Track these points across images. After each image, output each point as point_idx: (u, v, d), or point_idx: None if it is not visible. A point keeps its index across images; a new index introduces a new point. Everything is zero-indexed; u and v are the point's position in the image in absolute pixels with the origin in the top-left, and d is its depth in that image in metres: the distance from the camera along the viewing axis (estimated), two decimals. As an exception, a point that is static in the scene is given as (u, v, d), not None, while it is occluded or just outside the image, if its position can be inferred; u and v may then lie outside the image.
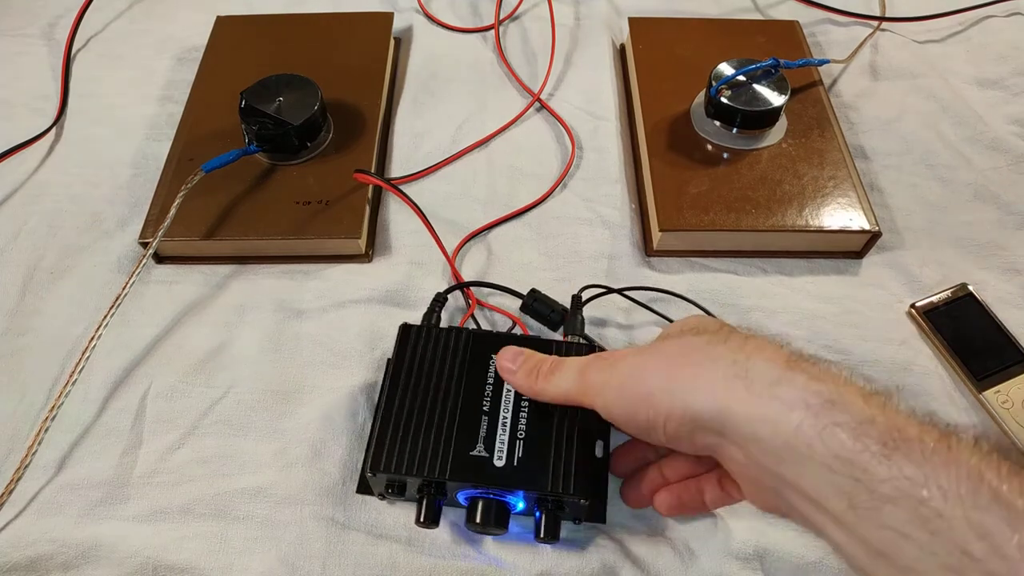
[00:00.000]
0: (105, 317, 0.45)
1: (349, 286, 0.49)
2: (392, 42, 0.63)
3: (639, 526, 0.40)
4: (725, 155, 0.54)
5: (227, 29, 0.63)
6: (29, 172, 0.56)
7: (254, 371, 0.46)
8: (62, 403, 0.42)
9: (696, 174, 0.52)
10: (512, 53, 0.64)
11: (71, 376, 0.43)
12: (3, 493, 0.40)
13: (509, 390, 0.38)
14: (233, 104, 0.52)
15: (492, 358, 0.39)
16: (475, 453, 0.36)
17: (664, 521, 0.40)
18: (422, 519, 0.36)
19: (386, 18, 0.63)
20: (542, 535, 0.36)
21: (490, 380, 0.38)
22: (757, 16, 0.68)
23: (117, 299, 0.46)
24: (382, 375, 0.45)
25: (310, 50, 0.61)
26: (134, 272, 0.47)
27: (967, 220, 0.53)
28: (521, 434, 0.36)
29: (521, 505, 0.37)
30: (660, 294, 0.48)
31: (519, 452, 0.36)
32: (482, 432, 0.36)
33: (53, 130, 0.58)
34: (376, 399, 0.44)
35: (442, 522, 0.38)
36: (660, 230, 0.50)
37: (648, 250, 0.52)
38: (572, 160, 0.56)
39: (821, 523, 0.26)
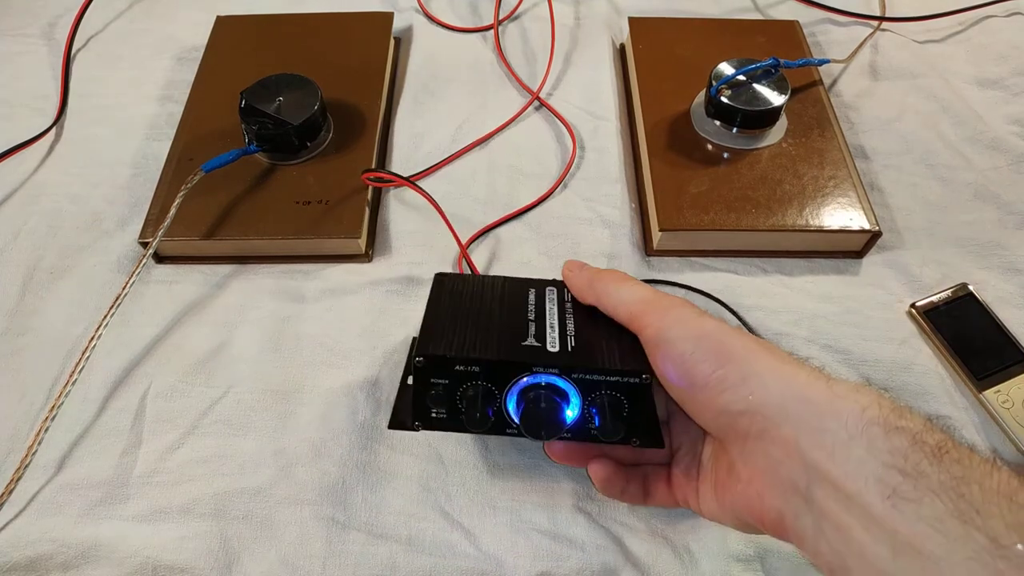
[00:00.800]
0: (105, 317, 0.45)
1: (349, 286, 0.49)
2: (392, 42, 0.63)
3: (639, 526, 0.40)
4: (725, 155, 0.54)
5: (227, 29, 0.63)
6: (29, 172, 0.56)
7: (254, 371, 0.46)
8: (62, 403, 0.42)
9: (696, 174, 0.52)
10: (512, 53, 0.64)
11: (71, 376, 0.43)
12: (3, 493, 0.40)
13: (552, 309, 0.37)
14: (233, 104, 0.52)
15: (531, 290, 0.38)
16: (527, 343, 0.35)
17: (664, 522, 0.40)
18: (475, 419, 0.33)
19: (386, 18, 0.63)
20: (608, 424, 0.33)
21: (532, 303, 0.37)
22: (757, 16, 0.68)
23: (117, 299, 0.46)
24: (404, 356, 0.45)
25: (310, 50, 0.61)
26: (134, 272, 0.47)
27: (967, 220, 0.53)
28: (571, 332, 0.36)
29: (576, 408, 0.34)
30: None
31: (571, 343, 0.35)
32: (532, 330, 0.35)
33: (53, 130, 0.58)
34: (400, 375, 0.44)
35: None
36: (660, 230, 0.50)
37: (648, 250, 0.52)
38: (573, 158, 0.56)
39: (846, 523, 0.26)
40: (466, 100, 0.60)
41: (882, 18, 0.67)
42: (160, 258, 0.51)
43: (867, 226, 0.49)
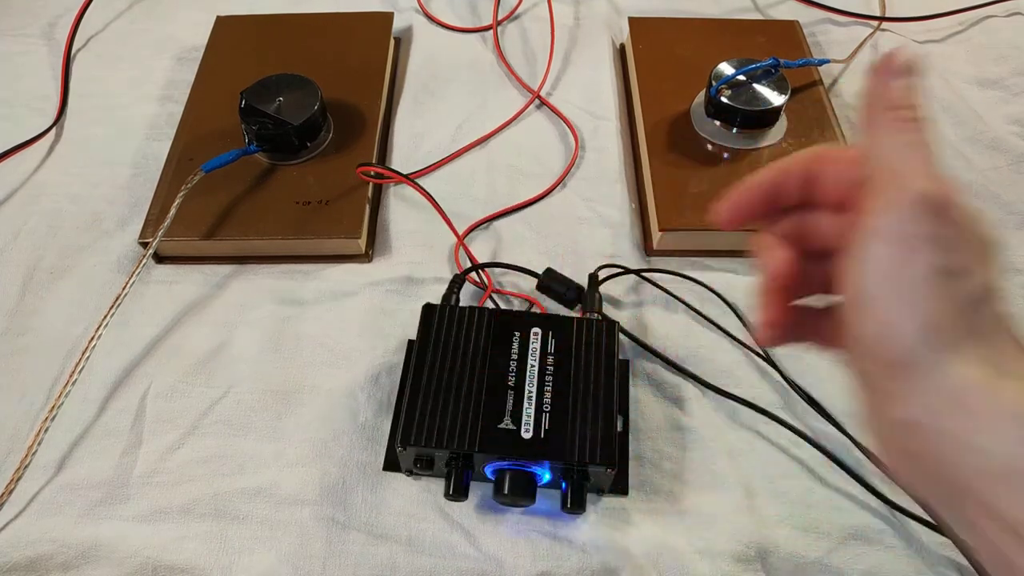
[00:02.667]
0: (105, 317, 0.45)
1: (349, 286, 0.49)
2: (392, 42, 0.63)
3: (639, 526, 0.40)
4: (725, 155, 0.54)
5: (227, 29, 0.63)
6: (29, 172, 0.56)
7: (254, 371, 0.46)
8: (62, 403, 0.42)
9: (696, 174, 0.52)
10: (512, 53, 0.64)
11: (71, 376, 0.43)
12: (3, 493, 0.40)
13: (533, 365, 0.39)
14: (233, 104, 0.52)
15: (515, 335, 0.40)
16: (503, 426, 0.37)
17: (664, 522, 0.40)
18: (451, 492, 0.37)
19: (386, 18, 0.63)
20: (569, 505, 0.37)
21: (514, 356, 0.40)
22: (757, 16, 0.68)
23: (117, 299, 0.46)
24: (403, 356, 0.46)
25: (310, 50, 0.61)
26: (134, 272, 0.47)
27: (967, 220, 0.53)
28: (547, 407, 0.38)
29: (547, 477, 0.38)
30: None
31: (545, 424, 0.37)
32: (509, 406, 0.38)
33: (53, 130, 0.58)
34: (399, 379, 0.45)
35: (470, 496, 0.39)
36: (660, 230, 0.50)
37: (648, 250, 0.52)
38: (576, 156, 0.56)
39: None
40: (466, 100, 0.60)
41: (882, 18, 0.67)
42: (160, 258, 0.51)
43: (867, 226, 0.49)
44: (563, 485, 0.38)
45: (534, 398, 0.38)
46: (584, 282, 0.47)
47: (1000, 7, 0.67)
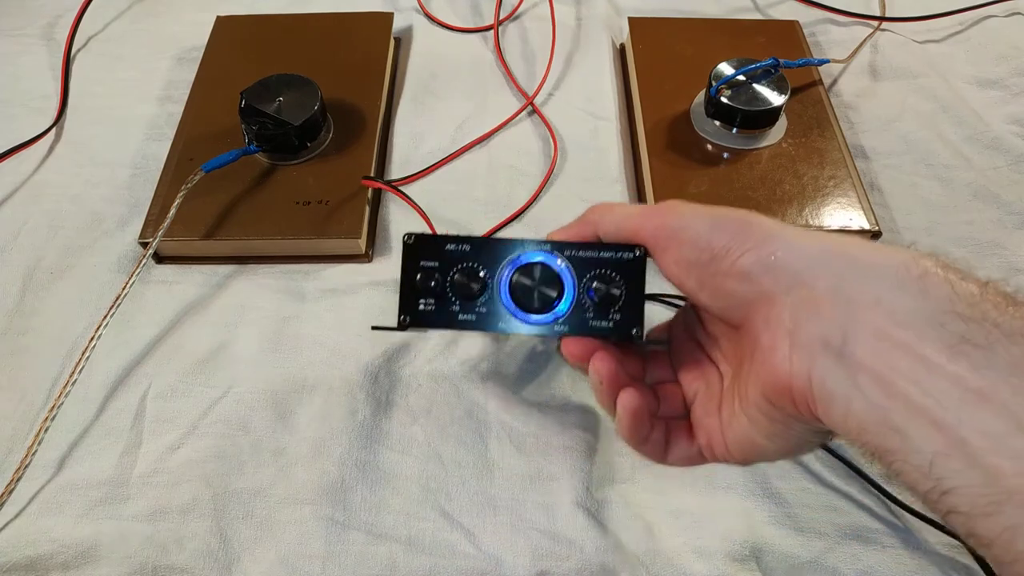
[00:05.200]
0: (105, 317, 0.45)
1: (349, 286, 0.49)
2: (392, 42, 0.63)
3: (638, 526, 0.40)
4: (725, 155, 0.54)
5: (227, 29, 0.63)
6: (29, 172, 0.56)
7: (254, 371, 0.46)
8: (62, 403, 0.42)
9: (696, 174, 0.53)
10: (512, 53, 0.64)
11: (71, 376, 0.43)
12: (3, 493, 0.40)
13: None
14: (233, 104, 0.52)
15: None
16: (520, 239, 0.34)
17: (662, 521, 0.40)
18: (470, 289, 0.33)
19: (386, 18, 0.63)
20: (606, 305, 0.32)
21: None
22: (757, 16, 0.68)
23: (117, 299, 0.46)
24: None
25: (310, 50, 0.61)
26: (134, 272, 0.47)
27: (967, 220, 0.53)
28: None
29: (567, 297, 0.33)
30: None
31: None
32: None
33: (53, 130, 0.58)
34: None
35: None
36: (660, 230, 0.50)
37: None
38: (553, 166, 0.56)
39: (889, 375, 0.23)
40: (466, 100, 0.60)
41: (882, 18, 0.67)
42: (160, 258, 0.51)
43: (867, 226, 0.49)
44: (590, 293, 0.33)
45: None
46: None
47: (1000, 7, 0.67)
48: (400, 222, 0.53)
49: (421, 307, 0.33)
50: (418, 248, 0.33)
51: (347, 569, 0.39)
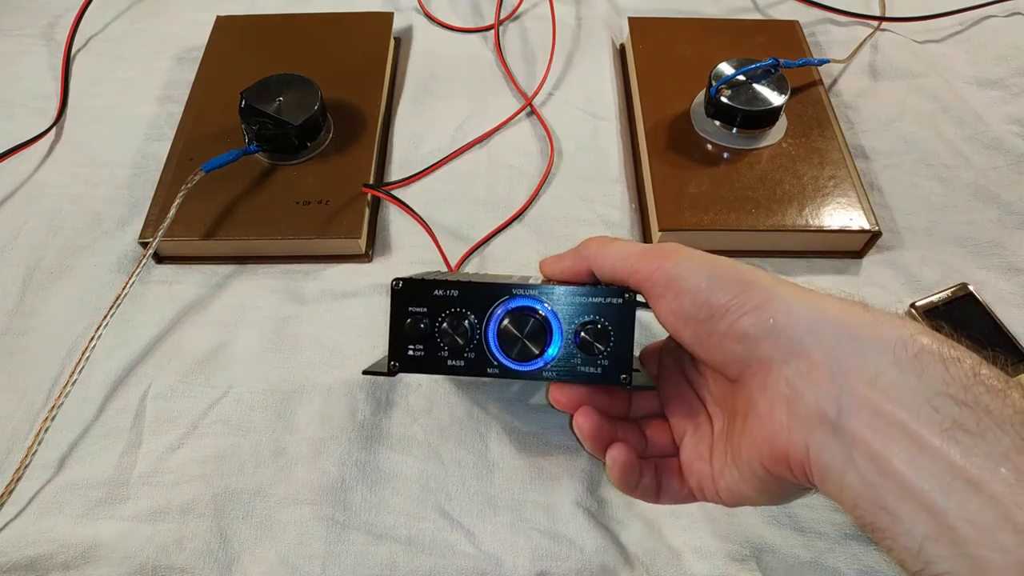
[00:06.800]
0: (105, 317, 0.45)
1: (349, 286, 0.49)
2: (392, 42, 0.63)
3: (638, 526, 0.40)
4: (725, 155, 0.54)
5: (227, 29, 0.63)
6: (29, 172, 0.56)
7: (254, 371, 0.46)
8: (62, 403, 0.42)
9: (696, 174, 0.53)
10: (512, 53, 0.64)
11: (71, 376, 0.43)
12: (3, 493, 0.40)
13: (534, 283, 0.35)
14: (233, 104, 0.52)
15: (510, 277, 0.37)
16: (508, 283, 0.34)
17: (662, 521, 0.40)
18: (458, 339, 0.33)
19: (386, 18, 0.63)
20: (593, 350, 0.32)
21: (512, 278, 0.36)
22: (757, 16, 0.68)
23: (117, 299, 0.46)
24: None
25: (310, 50, 0.61)
26: (134, 272, 0.47)
27: (967, 220, 0.53)
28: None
29: (555, 344, 0.33)
30: None
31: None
32: (513, 281, 0.34)
33: (53, 130, 0.58)
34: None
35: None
36: (660, 230, 0.50)
37: (648, 250, 0.52)
38: (550, 167, 0.56)
39: (884, 454, 0.23)
40: (466, 100, 0.60)
41: (882, 18, 0.67)
42: (160, 258, 0.51)
43: (867, 226, 0.49)
44: (575, 340, 0.33)
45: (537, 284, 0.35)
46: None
47: (1000, 7, 0.67)
48: (400, 222, 0.53)
49: (410, 353, 0.34)
50: (406, 293, 0.33)
51: (347, 569, 0.39)
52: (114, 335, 0.46)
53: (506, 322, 0.33)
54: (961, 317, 0.47)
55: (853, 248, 0.51)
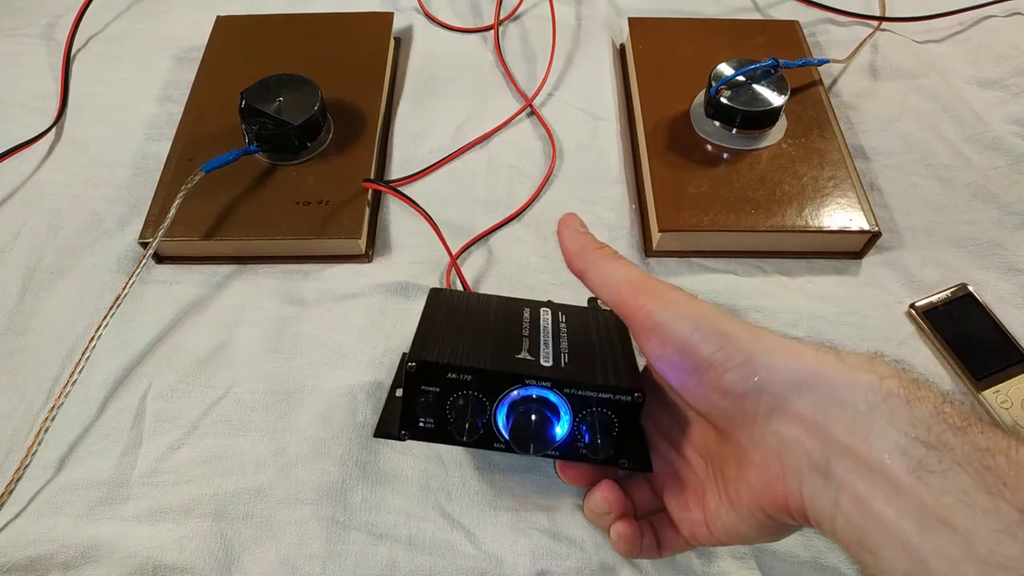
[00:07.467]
0: (105, 317, 0.45)
1: (349, 286, 0.49)
2: (392, 42, 0.63)
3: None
4: (725, 155, 0.54)
5: (227, 29, 0.63)
6: (29, 172, 0.56)
7: (254, 371, 0.46)
8: (62, 403, 0.42)
9: (696, 174, 0.53)
10: (512, 53, 0.64)
11: (71, 376, 0.43)
12: (3, 493, 0.40)
13: (546, 325, 0.37)
14: (233, 104, 0.52)
15: (525, 309, 0.39)
16: (521, 356, 0.35)
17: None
18: (467, 424, 0.33)
19: (386, 18, 0.63)
20: (596, 442, 0.33)
21: (526, 319, 0.38)
22: (757, 16, 0.68)
23: (117, 299, 0.46)
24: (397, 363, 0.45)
25: (310, 50, 0.61)
26: (134, 272, 0.47)
27: (967, 220, 0.53)
28: (564, 350, 0.36)
29: (563, 430, 0.34)
30: None
31: (564, 359, 0.35)
32: (525, 346, 0.35)
33: (53, 130, 0.58)
34: (380, 396, 0.44)
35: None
36: (660, 230, 0.50)
37: (648, 250, 0.52)
38: (551, 168, 0.56)
39: (866, 497, 0.25)
40: (466, 100, 0.60)
41: (882, 18, 0.67)
42: (160, 258, 0.51)
43: (867, 227, 0.49)
44: (583, 429, 0.34)
45: (550, 343, 0.36)
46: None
47: (1000, 7, 0.67)
48: (400, 222, 0.53)
49: (421, 424, 0.35)
50: (420, 375, 0.34)
51: (347, 569, 0.39)
52: (114, 335, 0.46)
53: (517, 409, 0.34)
54: (961, 317, 0.48)
55: (853, 248, 0.51)
